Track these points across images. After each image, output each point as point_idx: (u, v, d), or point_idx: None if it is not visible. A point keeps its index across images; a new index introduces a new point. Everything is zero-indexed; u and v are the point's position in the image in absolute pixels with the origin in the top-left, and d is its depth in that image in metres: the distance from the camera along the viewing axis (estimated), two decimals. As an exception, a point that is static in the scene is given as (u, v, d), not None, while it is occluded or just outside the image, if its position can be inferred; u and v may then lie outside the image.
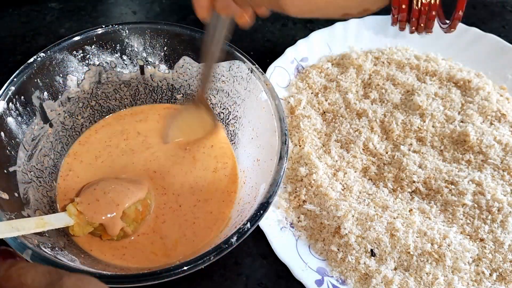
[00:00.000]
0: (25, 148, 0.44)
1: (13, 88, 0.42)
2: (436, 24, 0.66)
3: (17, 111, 0.43)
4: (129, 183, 0.45)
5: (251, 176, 0.46)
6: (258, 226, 0.46)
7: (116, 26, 0.48)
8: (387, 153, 0.53)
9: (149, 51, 0.50)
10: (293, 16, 0.35)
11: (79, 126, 0.51)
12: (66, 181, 0.48)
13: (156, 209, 0.46)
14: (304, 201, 0.50)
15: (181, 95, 0.53)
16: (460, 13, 0.33)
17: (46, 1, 0.68)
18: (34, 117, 0.45)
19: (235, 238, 0.36)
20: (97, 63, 0.49)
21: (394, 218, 0.47)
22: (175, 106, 0.54)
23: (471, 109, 0.56)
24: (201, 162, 0.50)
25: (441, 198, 0.49)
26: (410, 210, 0.49)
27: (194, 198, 0.47)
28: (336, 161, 0.52)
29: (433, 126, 0.54)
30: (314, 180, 0.50)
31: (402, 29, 0.35)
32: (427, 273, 0.44)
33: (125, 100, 0.53)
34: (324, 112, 0.57)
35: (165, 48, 0.50)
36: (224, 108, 0.51)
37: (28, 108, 0.44)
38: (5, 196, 0.39)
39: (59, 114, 0.48)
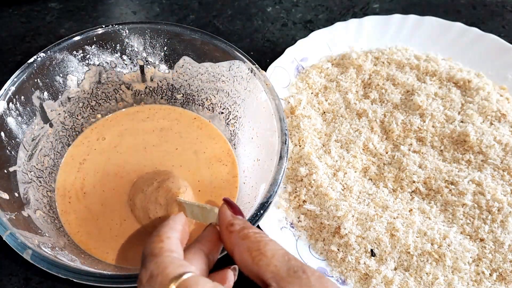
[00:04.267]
0: (25, 148, 0.44)
1: (13, 88, 0.42)
2: (436, 24, 0.66)
3: (17, 111, 0.43)
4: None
5: (251, 176, 0.46)
6: (258, 226, 0.46)
7: (116, 26, 0.48)
8: (387, 153, 0.53)
9: (149, 51, 0.50)
10: None
11: (79, 126, 0.51)
12: (66, 181, 0.48)
13: (156, 209, 0.46)
14: (304, 201, 0.50)
15: (181, 95, 0.53)
16: None
17: (46, 1, 0.68)
18: (34, 117, 0.45)
19: (235, 238, 0.36)
20: (97, 63, 0.49)
21: (394, 218, 0.47)
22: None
23: (471, 109, 0.56)
24: (200, 162, 0.50)
25: (441, 198, 0.49)
26: (410, 210, 0.49)
27: (193, 198, 0.47)
28: (336, 161, 0.52)
29: (433, 126, 0.54)
30: (314, 180, 0.50)
31: None
32: (427, 273, 0.44)
33: (125, 100, 0.53)
34: (324, 112, 0.57)
35: (165, 48, 0.50)
36: (224, 108, 0.51)
37: (28, 108, 0.44)
38: (5, 196, 0.40)
39: (59, 114, 0.48)
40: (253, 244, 0.27)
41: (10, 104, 0.42)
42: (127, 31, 0.48)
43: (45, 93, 0.46)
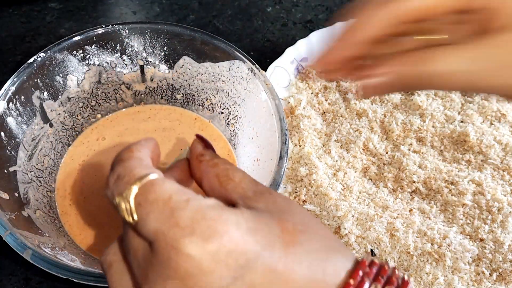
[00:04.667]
0: (25, 148, 0.44)
1: (13, 88, 0.42)
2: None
3: (17, 111, 0.43)
4: None
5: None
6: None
7: (116, 26, 0.48)
8: (387, 153, 0.53)
9: (149, 51, 0.50)
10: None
11: (79, 126, 0.51)
12: (66, 181, 0.48)
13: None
14: (304, 201, 0.50)
15: (181, 95, 0.53)
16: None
17: (46, 1, 0.68)
18: (34, 117, 0.45)
19: (235, 238, 0.36)
20: (97, 63, 0.49)
21: (394, 218, 0.47)
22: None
23: (471, 109, 0.56)
24: (201, 162, 0.50)
25: (441, 198, 0.49)
26: (410, 210, 0.49)
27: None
28: (336, 161, 0.52)
29: (433, 126, 0.54)
30: (314, 180, 0.50)
31: None
32: (427, 273, 0.44)
33: (125, 100, 0.53)
34: (324, 112, 0.57)
35: (165, 48, 0.50)
36: (224, 108, 0.51)
37: (28, 108, 0.44)
38: (5, 196, 0.40)
39: (59, 114, 0.48)
40: (221, 171, 0.27)
41: (10, 104, 0.42)
42: (127, 31, 0.48)
43: (45, 93, 0.46)
